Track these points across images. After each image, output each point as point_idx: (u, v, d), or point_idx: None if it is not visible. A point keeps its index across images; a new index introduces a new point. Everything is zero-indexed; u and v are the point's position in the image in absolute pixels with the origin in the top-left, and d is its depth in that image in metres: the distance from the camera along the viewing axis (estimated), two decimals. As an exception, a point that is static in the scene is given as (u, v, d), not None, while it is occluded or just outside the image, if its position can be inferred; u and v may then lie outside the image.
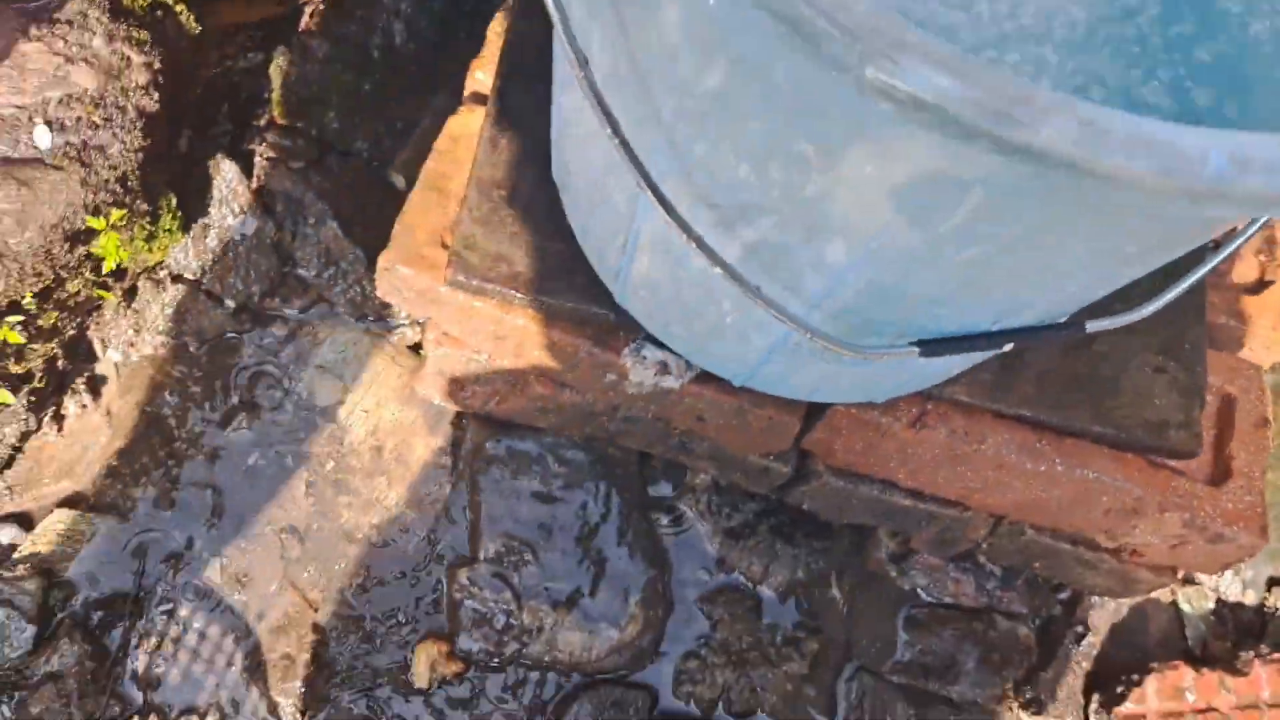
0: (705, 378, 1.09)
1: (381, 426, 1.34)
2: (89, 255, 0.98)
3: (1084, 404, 1.12)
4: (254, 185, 1.24)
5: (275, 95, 1.26)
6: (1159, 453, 1.17)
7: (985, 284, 0.68)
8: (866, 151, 0.54)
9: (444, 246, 1.10)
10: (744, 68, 0.55)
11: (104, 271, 1.04)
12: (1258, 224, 0.75)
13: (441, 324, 1.17)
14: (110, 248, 0.97)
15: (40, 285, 0.96)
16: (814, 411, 1.16)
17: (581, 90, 0.68)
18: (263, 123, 1.28)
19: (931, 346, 0.78)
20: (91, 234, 0.96)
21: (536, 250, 1.07)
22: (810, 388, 1.02)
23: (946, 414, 1.14)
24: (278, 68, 1.26)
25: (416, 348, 1.38)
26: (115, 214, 0.97)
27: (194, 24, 1.07)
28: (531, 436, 1.35)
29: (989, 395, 1.12)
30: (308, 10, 1.33)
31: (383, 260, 1.09)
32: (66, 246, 0.94)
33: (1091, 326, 0.80)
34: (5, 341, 0.96)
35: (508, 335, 1.13)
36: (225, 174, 1.21)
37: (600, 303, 1.06)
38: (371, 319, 1.35)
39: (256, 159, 1.25)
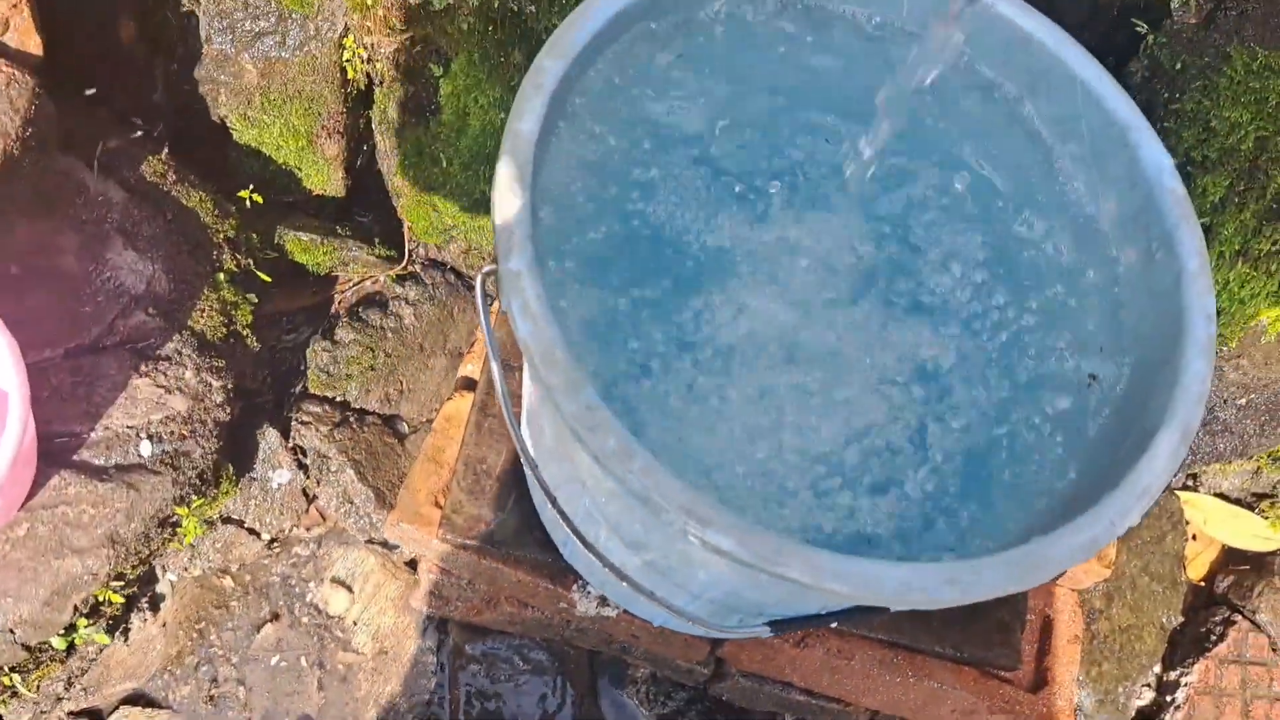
0: (636, 610, 1.44)
1: (382, 631, 1.67)
2: (174, 532, 1.32)
3: (928, 630, 1.47)
4: (290, 445, 1.59)
5: (310, 372, 1.63)
6: (988, 666, 1.50)
7: (799, 598, 1.03)
8: (698, 549, 0.90)
9: (438, 506, 1.45)
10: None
11: (183, 544, 1.38)
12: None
13: (434, 560, 1.51)
14: (191, 529, 1.31)
15: (138, 560, 1.30)
16: (722, 633, 1.50)
17: (520, 452, 1.04)
18: (298, 391, 1.64)
19: (780, 625, 1.13)
20: (178, 520, 1.31)
21: (508, 513, 1.42)
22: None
23: (824, 636, 1.48)
24: (313, 351, 1.63)
25: (413, 564, 1.71)
26: (196, 501, 1.31)
27: (255, 343, 1.44)
28: (502, 639, 1.68)
29: (856, 623, 1.47)
30: (338, 299, 1.70)
31: (390, 518, 1.43)
32: (159, 530, 1.28)
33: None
34: (109, 600, 1.29)
35: (484, 572, 1.47)
36: (269, 440, 1.56)
37: (555, 554, 1.40)
38: (378, 543, 1.69)
39: (293, 423, 1.61)
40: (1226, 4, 1.24)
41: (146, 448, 1.26)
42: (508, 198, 0.91)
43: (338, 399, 1.65)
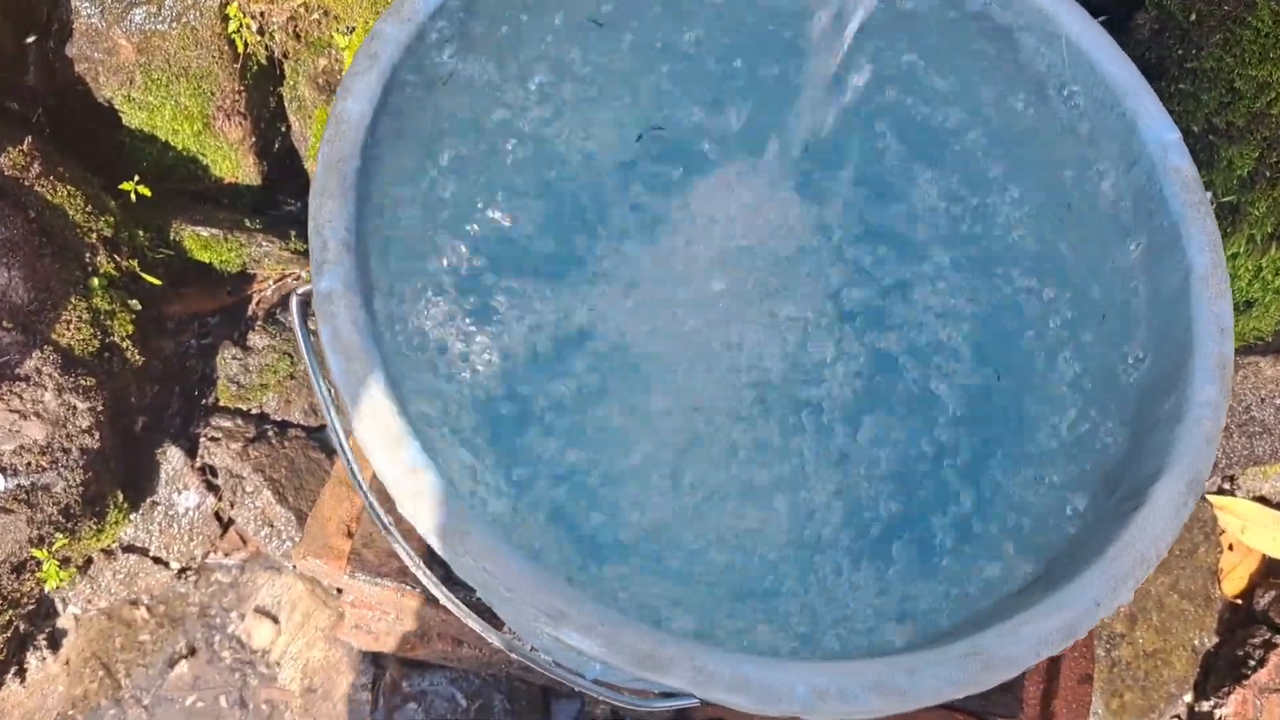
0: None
1: (311, 665, 1.51)
2: (37, 581, 1.17)
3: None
4: (198, 464, 1.43)
5: (220, 382, 1.46)
6: (989, 714, 1.31)
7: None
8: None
9: (350, 536, 1.28)
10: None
11: (46, 591, 1.23)
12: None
13: (352, 594, 1.35)
14: (51, 573, 1.16)
15: (-9, 609, 1.14)
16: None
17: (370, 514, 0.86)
18: (209, 403, 1.48)
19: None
20: (38, 562, 1.15)
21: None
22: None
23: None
24: (223, 359, 1.46)
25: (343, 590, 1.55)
26: (60, 541, 1.16)
27: (138, 356, 1.27)
28: (443, 673, 1.51)
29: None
30: (255, 300, 1.53)
31: (297, 551, 1.26)
32: (14, 577, 1.13)
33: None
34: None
35: (406, 609, 1.30)
36: (171, 459, 1.40)
37: (479, 592, 1.23)
38: (306, 559, 1.52)
39: (202, 440, 1.44)
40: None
41: (-3, 483, 1.11)
42: (322, 197, 0.73)
43: (253, 411, 1.48)
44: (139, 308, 1.30)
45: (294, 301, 0.75)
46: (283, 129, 1.52)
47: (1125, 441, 0.80)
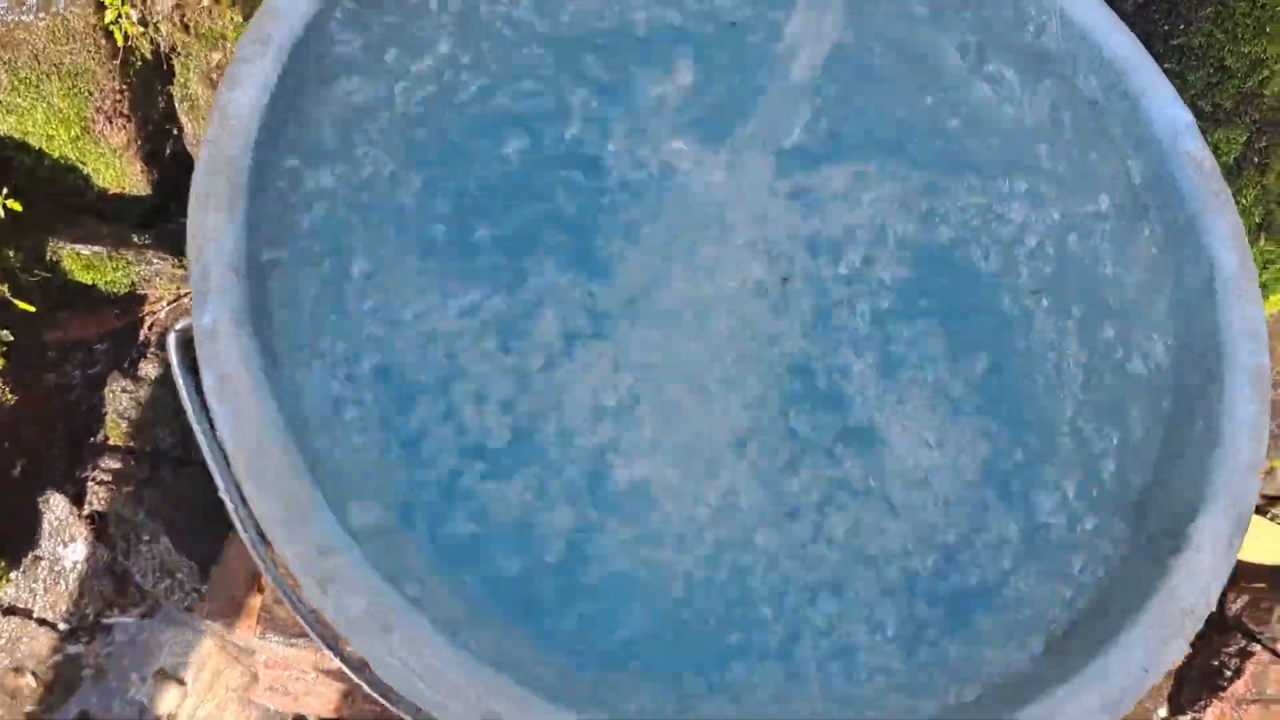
0: None
1: (223, 729, 1.35)
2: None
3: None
4: (85, 512, 1.27)
5: (109, 418, 1.30)
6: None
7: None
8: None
9: (260, 591, 1.14)
10: None
11: None
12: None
13: (265, 654, 1.20)
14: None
15: None
16: None
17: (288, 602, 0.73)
18: (97, 441, 1.32)
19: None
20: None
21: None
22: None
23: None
24: (111, 392, 1.30)
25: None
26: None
27: (10, 395, 1.11)
28: (375, 731, 1.37)
29: None
30: (148, 323, 1.37)
31: (201, 609, 1.12)
32: None
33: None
34: None
35: (328, 668, 1.16)
36: (55, 508, 1.24)
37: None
38: (211, 620, 1.37)
39: (89, 484, 1.28)
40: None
41: None
42: (205, 210, 0.59)
43: (146, 449, 1.32)
44: (9, 338, 1.14)
45: (171, 339, 0.61)
46: (174, 132, 1.36)
47: (1150, 467, 0.70)
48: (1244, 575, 1.57)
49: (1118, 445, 0.74)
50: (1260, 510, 1.61)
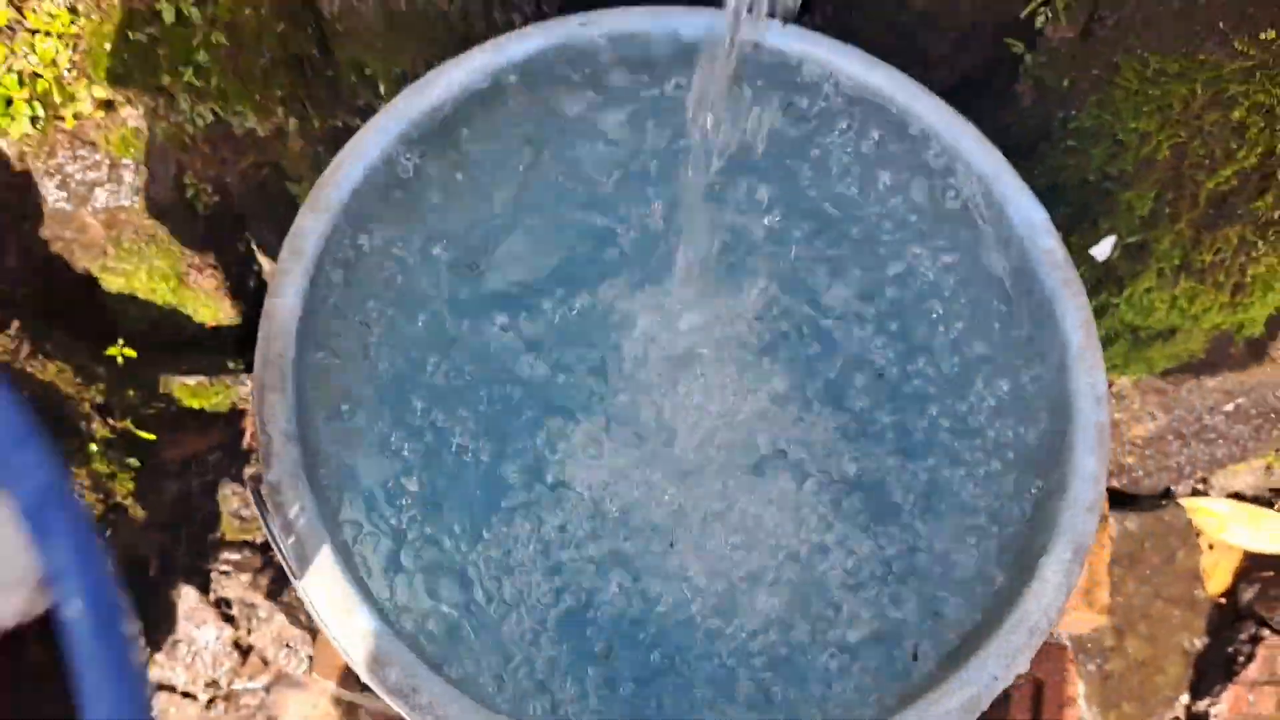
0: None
1: (342, 773, 1.58)
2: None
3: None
4: (212, 598, 1.52)
5: (224, 518, 1.55)
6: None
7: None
8: None
9: (357, 654, 1.36)
10: None
11: None
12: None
13: (365, 705, 1.42)
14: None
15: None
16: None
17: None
18: (216, 537, 1.57)
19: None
20: None
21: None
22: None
23: None
24: (223, 495, 1.55)
25: (366, 696, 1.62)
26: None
27: (140, 511, 1.36)
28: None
29: None
30: (247, 433, 1.62)
31: (308, 675, 1.35)
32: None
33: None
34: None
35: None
36: (186, 597, 1.48)
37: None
38: (320, 677, 1.60)
39: (213, 574, 1.53)
40: (1100, 14, 1.09)
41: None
42: (264, 392, 0.81)
43: (257, 542, 1.56)
44: (137, 464, 1.39)
45: (249, 486, 0.83)
46: (255, 269, 1.61)
47: (1029, 513, 0.86)
48: (1254, 565, 1.67)
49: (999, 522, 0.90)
50: (1268, 503, 1.71)
